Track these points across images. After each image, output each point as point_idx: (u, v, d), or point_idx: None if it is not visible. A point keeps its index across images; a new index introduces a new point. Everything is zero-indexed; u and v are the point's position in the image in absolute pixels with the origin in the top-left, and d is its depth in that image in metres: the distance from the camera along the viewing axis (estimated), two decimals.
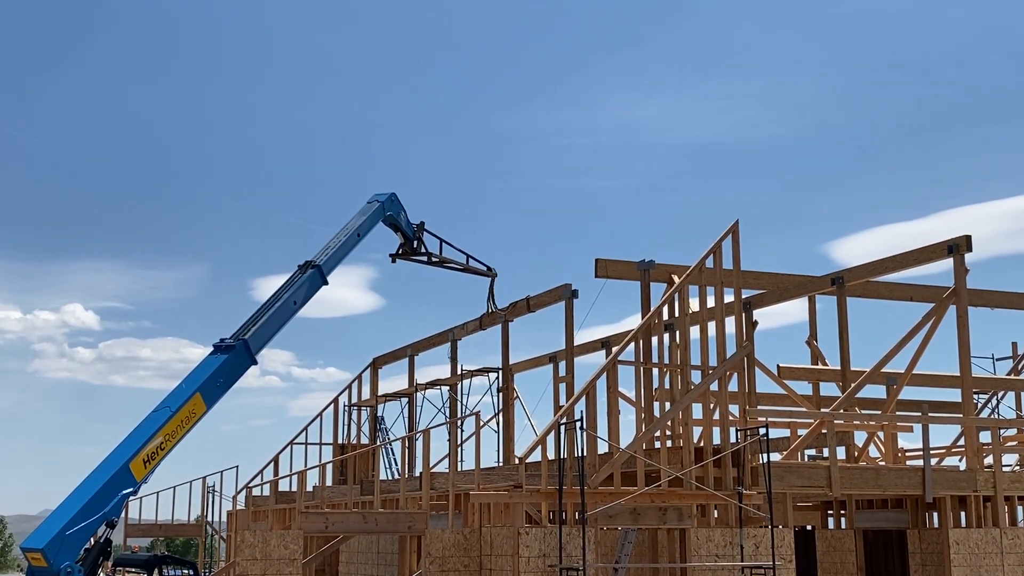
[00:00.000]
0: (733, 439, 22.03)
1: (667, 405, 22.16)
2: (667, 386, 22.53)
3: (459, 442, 28.76)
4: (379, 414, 36.03)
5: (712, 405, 22.75)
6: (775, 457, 23.22)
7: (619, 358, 21.83)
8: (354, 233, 25.34)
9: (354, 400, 35.49)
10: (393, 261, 29.34)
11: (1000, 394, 33.51)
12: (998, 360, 34.01)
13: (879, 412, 26.51)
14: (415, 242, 28.73)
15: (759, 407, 25.03)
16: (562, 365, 29.06)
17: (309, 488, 30.11)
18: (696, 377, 22.23)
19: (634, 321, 24.21)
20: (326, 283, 24.20)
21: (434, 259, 29.20)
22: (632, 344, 22.26)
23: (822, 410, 25.78)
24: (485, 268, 29.65)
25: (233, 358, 21.43)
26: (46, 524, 18.50)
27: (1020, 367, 33.60)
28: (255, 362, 21.96)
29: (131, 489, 19.35)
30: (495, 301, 29.45)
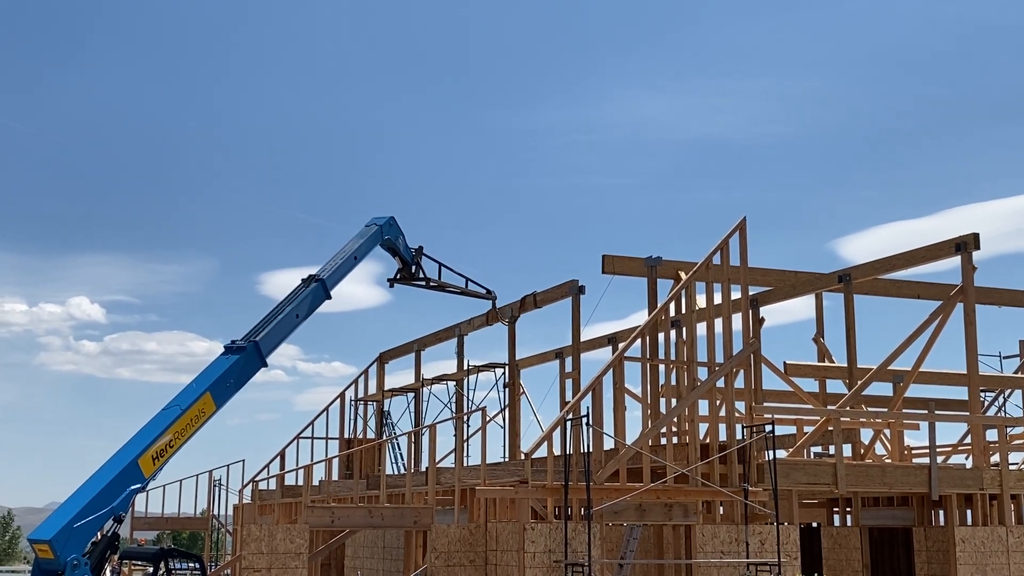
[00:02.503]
0: (739, 436, 22.04)
1: (673, 402, 22.18)
2: (673, 382, 22.55)
3: (465, 437, 28.79)
4: (385, 409, 36.08)
5: (718, 402, 22.75)
6: (781, 454, 23.25)
7: (626, 354, 21.85)
8: (351, 256, 25.39)
9: (360, 395, 35.55)
10: (391, 285, 29.39)
11: (1007, 392, 33.45)
12: (1005, 358, 33.92)
13: (886, 410, 26.49)
14: (413, 267, 28.77)
15: (765, 404, 25.05)
16: (568, 361, 29.05)
17: (315, 482, 30.20)
18: (703, 374, 22.24)
19: (641, 318, 24.24)
20: (329, 297, 24.36)
21: (432, 283, 29.22)
22: (639, 340, 22.27)
23: (828, 407, 25.77)
24: (484, 291, 29.68)
25: (244, 359, 21.57)
26: (54, 516, 18.59)
27: None
28: (265, 364, 22.10)
29: (139, 485, 19.46)
30: (499, 318, 29.49)
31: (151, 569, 28.77)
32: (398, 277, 29.10)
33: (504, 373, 30.66)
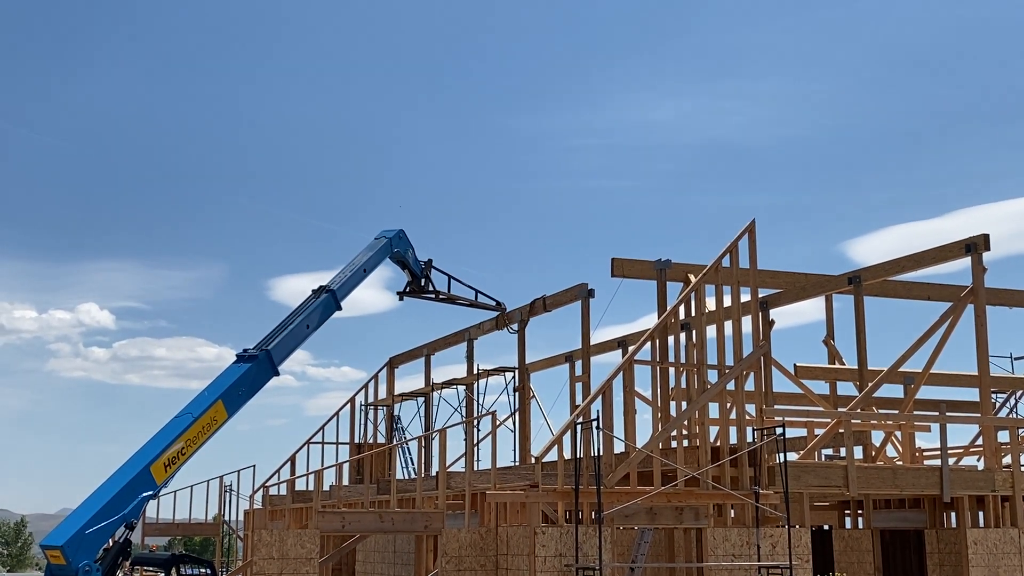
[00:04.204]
0: (750, 439, 22.00)
1: (683, 404, 22.15)
2: (683, 385, 22.52)
3: (475, 441, 28.80)
4: (395, 413, 36.13)
5: (729, 404, 22.72)
6: (792, 457, 23.20)
7: (635, 357, 21.84)
8: (360, 269, 25.50)
9: (371, 399, 35.59)
10: (400, 299, 29.48)
11: (1018, 393, 33.34)
12: (1016, 359, 33.76)
13: (896, 412, 26.43)
14: (423, 280, 28.84)
15: (776, 406, 25.02)
16: (578, 364, 29.09)
17: (326, 487, 30.21)
18: (713, 376, 22.20)
19: (650, 320, 24.22)
20: (339, 308, 24.48)
21: (442, 296, 29.33)
22: (648, 343, 22.25)
23: (839, 409, 25.72)
24: (494, 303, 29.79)
25: (256, 368, 21.66)
26: (66, 523, 18.66)
27: None
28: (277, 373, 22.18)
29: (151, 492, 19.53)
30: (507, 323, 29.56)
31: (163, 575, 28.86)
32: (407, 290, 29.17)
33: (514, 377, 30.70)
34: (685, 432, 22.77)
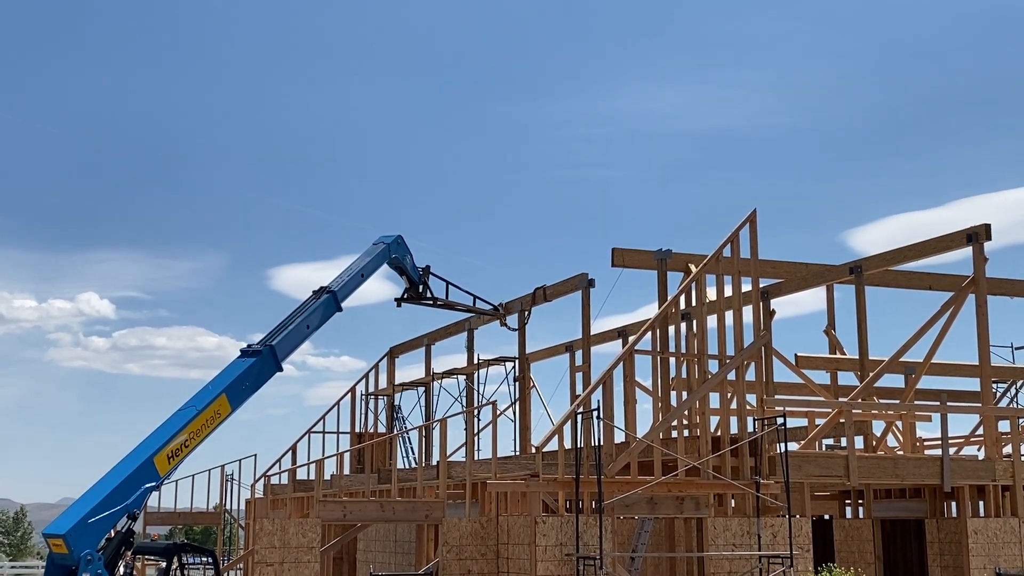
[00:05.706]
0: (750, 428, 22.03)
1: (684, 394, 22.17)
2: (684, 375, 22.54)
3: (476, 431, 28.85)
4: (396, 403, 36.16)
5: (729, 394, 22.75)
6: (793, 446, 23.22)
7: (636, 347, 21.85)
8: (358, 274, 25.41)
9: (371, 389, 35.62)
10: (399, 305, 29.39)
11: (1019, 383, 33.37)
12: (1017, 349, 33.82)
13: (897, 401, 26.47)
14: (421, 286, 28.80)
15: (777, 396, 25.04)
16: (579, 354, 29.09)
17: (327, 477, 30.27)
18: (713, 366, 22.22)
19: (651, 310, 24.22)
20: (340, 310, 24.43)
21: (440, 302, 29.25)
22: (649, 333, 22.27)
23: (840, 399, 25.75)
24: (492, 308, 29.77)
25: (260, 363, 21.69)
26: (69, 511, 18.70)
27: None
28: (281, 368, 22.17)
29: (154, 483, 19.58)
30: (507, 326, 29.61)
31: (164, 564, 28.87)
32: (405, 296, 29.10)
33: (514, 367, 30.72)
34: (686, 422, 22.81)
